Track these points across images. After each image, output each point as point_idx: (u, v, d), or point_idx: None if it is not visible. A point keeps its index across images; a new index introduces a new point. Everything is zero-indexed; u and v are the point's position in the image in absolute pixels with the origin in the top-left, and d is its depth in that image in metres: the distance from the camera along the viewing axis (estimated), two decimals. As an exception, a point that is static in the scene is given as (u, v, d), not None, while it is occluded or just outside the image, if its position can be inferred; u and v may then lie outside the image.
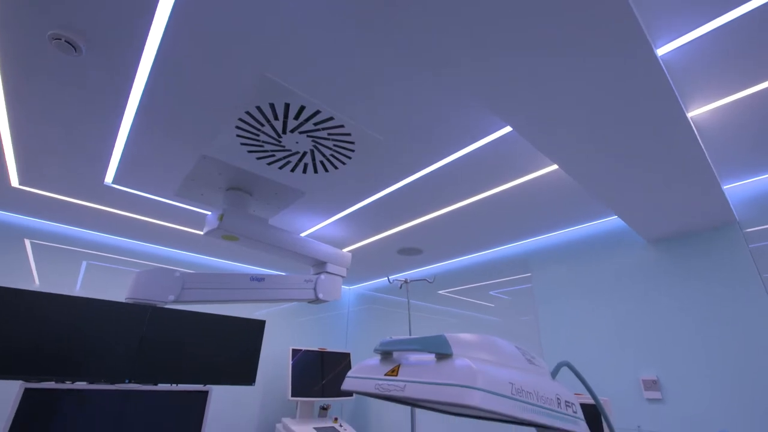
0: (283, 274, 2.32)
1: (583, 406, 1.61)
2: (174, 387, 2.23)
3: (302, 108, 1.44)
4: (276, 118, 1.50)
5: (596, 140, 1.31)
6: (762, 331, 1.71)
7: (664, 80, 1.05)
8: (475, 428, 2.63)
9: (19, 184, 2.16)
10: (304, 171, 1.89)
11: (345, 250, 3.01)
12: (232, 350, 2.49)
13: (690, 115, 1.45)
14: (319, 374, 3.32)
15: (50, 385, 1.88)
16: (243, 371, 2.49)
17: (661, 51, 1.19)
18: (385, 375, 0.68)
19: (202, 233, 2.79)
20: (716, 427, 1.70)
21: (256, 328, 2.64)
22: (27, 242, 2.64)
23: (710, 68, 1.25)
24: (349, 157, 1.75)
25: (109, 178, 2.06)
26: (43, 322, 1.94)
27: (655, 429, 1.87)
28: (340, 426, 3.05)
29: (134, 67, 1.31)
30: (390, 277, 3.63)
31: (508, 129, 1.56)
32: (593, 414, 1.73)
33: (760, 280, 1.77)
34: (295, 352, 3.28)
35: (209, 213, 2.26)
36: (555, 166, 1.81)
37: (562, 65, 1.01)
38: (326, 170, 1.87)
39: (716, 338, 1.82)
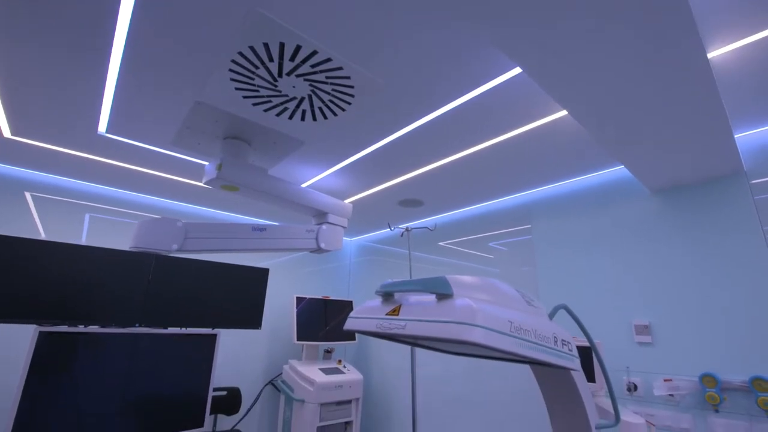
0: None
1: (577, 348, 1.69)
2: (183, 330, 2.32)
3: (298, 48, 1.36)
4: (271, 59, 1.42)
5: (609, 82, 1.25)
6: (756, 281, 1.73)
7: (687, 15, 0.98)
8: (472, 368, 2.78)
9: (12, 134, 2.11)
10: (303, 118, 1.83)
11: (346, 201, 3.00)
12: (238, 296, 2.58)
13: (708, 56, 1.37)
14: (323, 321, 3.45)
15: (63, 328, 1.95)
16: (249, 315, 2.59)
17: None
18: (387, 315, 0.69)
19: (201, 183, 2.77)
20: (701, 369, 1.78)
21: (260, 275, 2.71)
22: (28, 195, 2.63)
23: (731, 3, 1.16)
24: (349, 103, 1.69)
25: (102, 127, 2.00)
26: (51, 269, 1.98)
27: (642, 370, 1.97)
28: (344, 367, 3.23)
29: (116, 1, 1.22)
30: (391, 225, 3.67)
31: (513, 73, 1.49)
32: (585, 355, 1.82)
33: (761, 231, 1.77)
34: (299, 300, 3.39)
35: (207, 163, 2.22)
36: (559, 115, 1.74)
37: (579, -4, 0.93)
38: (325, 117, 1.81)
39: (709, 287, 1.86)
